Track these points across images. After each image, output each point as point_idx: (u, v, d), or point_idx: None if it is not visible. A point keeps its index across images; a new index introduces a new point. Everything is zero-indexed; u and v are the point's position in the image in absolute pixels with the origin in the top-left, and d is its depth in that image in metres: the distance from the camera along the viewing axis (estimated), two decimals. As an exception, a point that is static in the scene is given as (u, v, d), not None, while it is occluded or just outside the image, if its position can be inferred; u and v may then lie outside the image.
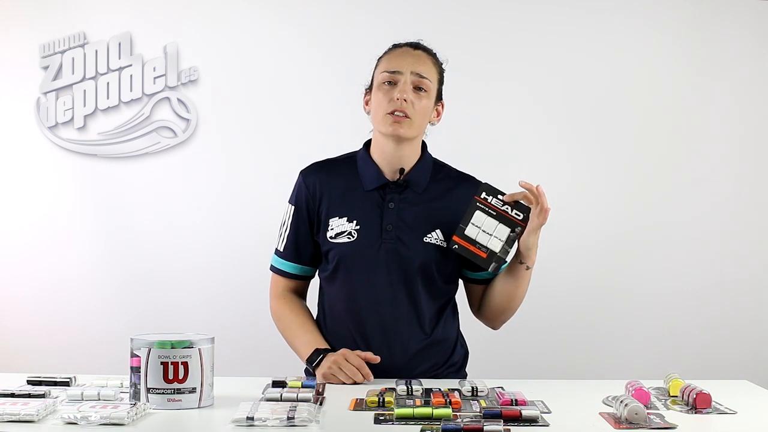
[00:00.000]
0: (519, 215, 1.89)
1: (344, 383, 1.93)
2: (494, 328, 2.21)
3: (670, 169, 3.41)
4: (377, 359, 1.98)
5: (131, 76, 3.36)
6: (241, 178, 3.37)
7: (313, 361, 2.01)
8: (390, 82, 2.06)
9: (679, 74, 3.40)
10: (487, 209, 1.90)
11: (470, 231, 1.92)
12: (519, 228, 1.90)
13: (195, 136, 3.37)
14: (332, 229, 2.08)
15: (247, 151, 3.37)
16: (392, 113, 2.03)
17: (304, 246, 2.13)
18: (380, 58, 2.13)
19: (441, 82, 2.13)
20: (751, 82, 3.44)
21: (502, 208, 1.90)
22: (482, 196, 1.91)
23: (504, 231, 1.90)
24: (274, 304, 2.19)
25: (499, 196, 1.90)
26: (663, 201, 3.40)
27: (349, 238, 2.07)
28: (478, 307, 2.19)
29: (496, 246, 1.95)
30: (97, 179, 3.36)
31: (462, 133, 3.20)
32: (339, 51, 3.34)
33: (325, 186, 2.11)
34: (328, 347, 2.05)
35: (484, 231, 1.91)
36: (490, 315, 2.17)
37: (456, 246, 1.93)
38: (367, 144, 2.16)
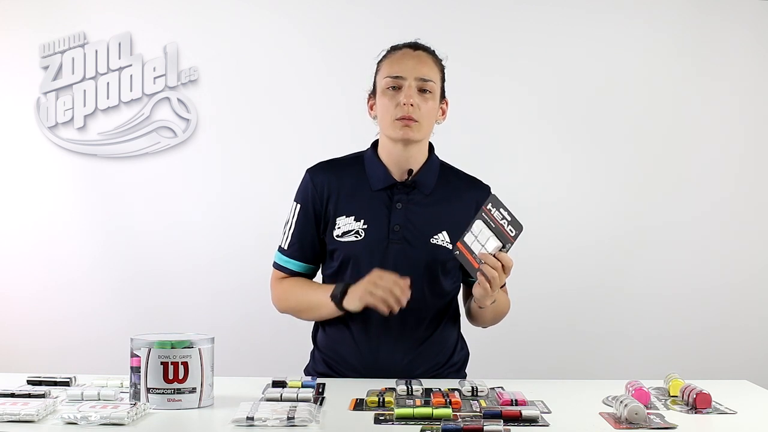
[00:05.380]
0: (512, 231, 1.87)
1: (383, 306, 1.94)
2: (482, 327, 2.25)
3: (671, 169, 3.41)
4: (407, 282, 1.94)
5: (131, 76, 3.36)
6: (240, 177, 3.37)
7: (337, 294, 2.00)
8: (394, 87, 2.06)
9: (679, 74, 3.40)
10: (488, 220, 1.90)
11: (468, 239, 1.92)
12: (509, 244, 1.89)
13: (195, 136, 3.37)
14: (339, 227, 2.08)
15: (247, 151, 3.37)
16: (400, 119, 2.03)
17: (309, 244, 2.13)
18: (380, 61, 2.13)
19: (443, 80, 2.13)
20: (751, 82, 3.44)
21: (501, 222, 1.89)
22: (488, 207, 1.91)
23: (494, 244, 1.88)
24: (276, 290, 2.17)
25: (501, 210, 1.89)
26: (663, 201, 3.40)
27: (356, 237, 2.06)
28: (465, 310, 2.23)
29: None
30: (97, 179, 3.36)
31: (461, 131, 3.20)
32: (339, 51, 3.34)
33: (333, 185, 2.10)
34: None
35: (478, 241, 1.91)
36: (471, 321, 2.22)
37: (457, 252, 1.94)
38: (375, 144, 2.15)
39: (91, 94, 3.37)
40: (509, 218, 1.87)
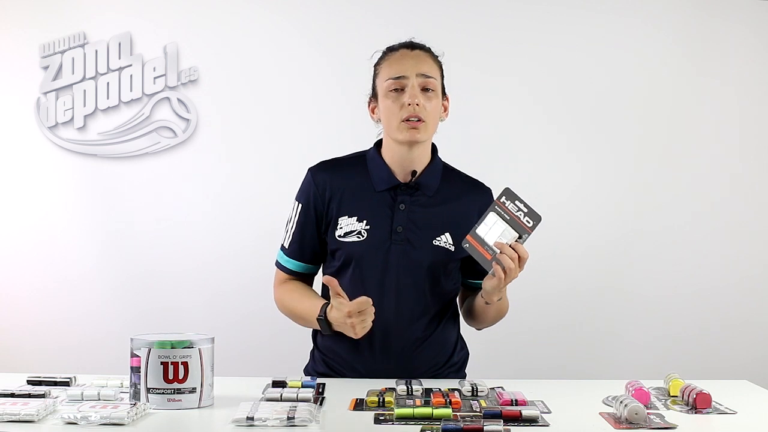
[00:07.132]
0: (529, 222, 1.88)
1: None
2: (477, 328, 2.25)
3: (670, 170, 3.41)
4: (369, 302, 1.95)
5: (131, 76, 3.36)
6: (241, 178, 3.37)
7: (323, 318, 2.00)
8: (397, 88, 2.04)
9: (680, 75, 3.40)
10: (502, 212, 1.90)
11: (481, 230, 1.92)
12: (526, 235, 1.90)
13: (195, 136, 3.37)
14: (341, 228, 2.08)
15: (247, 151, 3.37)
16: (407, 120, 2.03)
17: (308, 244, 2.13)
18: (378, 64, 2.11)
19: (442, 77, 2.12)
20: (751, 82, 3.43)
21: (516, 213, 1.90)
22: (502, 200, 1.91)
23: (510, 235, 1.90)
24: (277, 291, 2.18)
25: (517, 202, 1.90)
26: (663, 202, 3.40)
27: (358, 237, 2.06)
28: (464, 311, 2.23)
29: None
30: (97, 179, 3.36)
31: (461, 132, 3.20)
32: (339, 50, 3.34)
33: (336, 185, 2.10)
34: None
35: (493, 232, 1.92)
36: (470, 321, 2.22)
37: (467, 245, 1.93)
38: (378, 144, 2.15)
39: (91, 94, 3.37)
40: (525, 210, 1.88)
